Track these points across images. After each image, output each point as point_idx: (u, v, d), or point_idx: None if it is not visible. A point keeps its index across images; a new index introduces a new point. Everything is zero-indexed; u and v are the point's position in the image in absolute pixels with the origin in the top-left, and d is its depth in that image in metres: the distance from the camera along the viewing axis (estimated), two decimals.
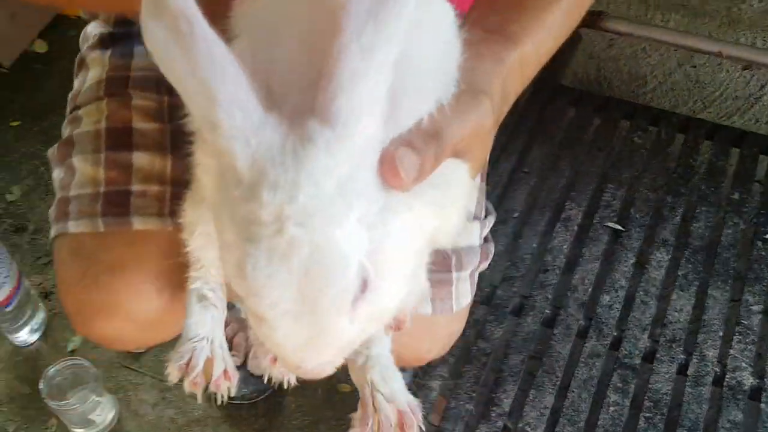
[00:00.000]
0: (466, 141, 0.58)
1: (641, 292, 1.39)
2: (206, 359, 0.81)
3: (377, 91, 0.47)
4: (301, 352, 0.52)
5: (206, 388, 0.82)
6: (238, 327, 1.46)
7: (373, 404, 0.80)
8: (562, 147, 1.63)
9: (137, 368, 1.50)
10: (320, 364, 0.53)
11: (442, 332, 1.04)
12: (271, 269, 0.47)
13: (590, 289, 1.38)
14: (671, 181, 1.56)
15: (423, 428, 0.80)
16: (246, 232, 0.48)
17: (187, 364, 0.80)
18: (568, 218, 1.49)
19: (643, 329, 1.34)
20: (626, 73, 1.98)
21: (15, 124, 1.90)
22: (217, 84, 0.46)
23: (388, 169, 0.50)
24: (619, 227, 1.47)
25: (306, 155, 0.46)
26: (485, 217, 1.03)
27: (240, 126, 0.47)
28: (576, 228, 1.48)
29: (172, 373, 0.79)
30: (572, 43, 1.89)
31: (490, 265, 1.39)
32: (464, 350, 1.30)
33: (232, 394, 0.83)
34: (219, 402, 0.83)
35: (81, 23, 2.17)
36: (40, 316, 1.54)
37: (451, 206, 0.62)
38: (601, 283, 1.40)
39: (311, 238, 0.46)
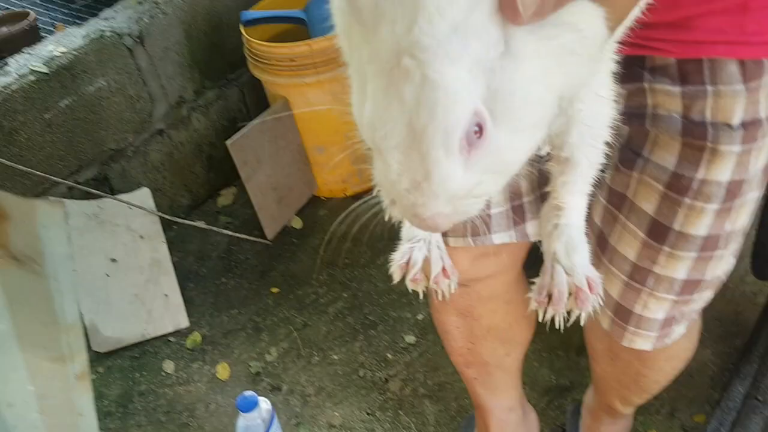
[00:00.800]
0: None
1: None
2: (424, 259, 0.84)
3: None
4: (414, 193, 0.50)
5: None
6: None
7: (552, 275, 0.78)
8: None
9: None
10: (435, 215, 0.51)
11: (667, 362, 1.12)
12: (387, 100, 0.47)
13: None
14: None
15: (601, 304, 0.76)
16: (368, 69, 0.49)
17: (407, 263, 0.83)
18: None
19: None
20: None
21: (275, 290, 2.02)
22: None
23: (505, 1, 0.46)
24: None
25: None
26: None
27: None
28: None
29: (395, 272, 0.83)
30: None
31: None
32: None
33: (452, 290, 0.85)
34: (440, 298, 0.86)
35: (330, 203, 2.45)
36: None
37: (580, 56, 0.56)
38: None
39: (423, 72, 0.46)
